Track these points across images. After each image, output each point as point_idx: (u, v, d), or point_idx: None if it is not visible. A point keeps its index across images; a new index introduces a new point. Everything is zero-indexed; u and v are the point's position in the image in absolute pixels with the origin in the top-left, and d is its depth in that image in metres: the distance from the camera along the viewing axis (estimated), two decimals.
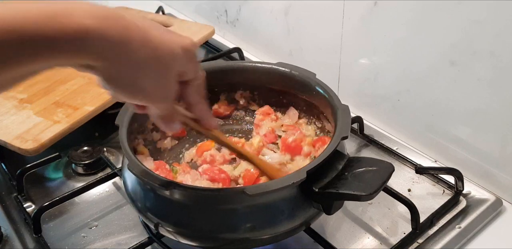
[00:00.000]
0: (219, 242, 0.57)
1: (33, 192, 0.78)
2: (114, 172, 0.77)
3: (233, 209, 0.55)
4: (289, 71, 0.71)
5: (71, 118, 0.81)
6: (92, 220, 0.73)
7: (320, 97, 0.68)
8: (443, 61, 0.71)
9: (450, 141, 0.77)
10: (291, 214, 0.56)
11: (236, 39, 1.19)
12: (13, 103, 0.86)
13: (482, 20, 0.63)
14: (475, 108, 0.71)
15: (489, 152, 0.72)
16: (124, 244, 0.68)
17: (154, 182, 0.53)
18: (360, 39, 0.83)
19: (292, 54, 1.02)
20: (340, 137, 0.57)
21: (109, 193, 0.78)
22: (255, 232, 0.55)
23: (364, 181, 0.53)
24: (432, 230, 0.68)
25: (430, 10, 0.68)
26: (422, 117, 0.80)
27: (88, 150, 0.82)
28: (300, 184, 0.54)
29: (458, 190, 0.73)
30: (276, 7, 0.99)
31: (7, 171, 0.81)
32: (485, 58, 0.65)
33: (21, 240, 0.70)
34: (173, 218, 0.57)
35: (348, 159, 0.56)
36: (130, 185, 0.61)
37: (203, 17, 1.27)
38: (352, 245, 0.67)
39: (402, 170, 0.79)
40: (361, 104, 0.90)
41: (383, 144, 0.83)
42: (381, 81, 0.84)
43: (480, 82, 0.68)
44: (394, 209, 0.72)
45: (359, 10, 0.79)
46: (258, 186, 0.54)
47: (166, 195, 0.56)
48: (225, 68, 0.74)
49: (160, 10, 1.25)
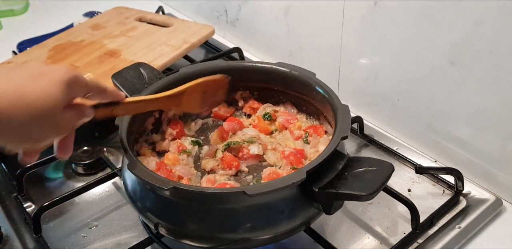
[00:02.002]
0: (219, 242, 0.57)
1: (33, 192, 0.78)
2: (114, 172, 0.77)
3: (233, 209, 0.56)
4: (289, 71, 0.71)
5: None
6: (92, 220, 0.73)
7: (320, 97, 0.68)
8: (443, 61, 0.71)
9: (450, 141, 0.77)
10: (291, 214, 0.56)
11: (236, 39, 1.19)
12: None
13: (482, 20, 0.63)
14: (475, 108, 0.71)
15: (489, 152, 0.72)
16: (124, 244, 0.68)
17: (154, 182, 0.54)
18: (360, 39, 0.83)
19: (292, 54, 1.02)
20: (340, 137, 0.57)
21: (109, 193, 0.78)
22: (255, 232, 0.56)
23: (364, 181, 0.53)
24: (432, 230, 0.68)
25: (430, 10, 0.68)
26: (422, 117, 0.80)
27: (88, 150, 0.82)
28: (300, 184, 0.54)
29: (458, 190, 0.73)
30: (276, 7, 0.99)
31: (7, 171, 0.81)
32: (485, 58, 0.65)
33: (21, 240, 0.70)
34: (173, 218, 0.57)
35: (348, 159, 0.56)
36: (130, 185, 0.61)
37: (203, 17, 1.28)
38: (352, 245, 0.67)
39: (402, 170, 0.79)
40: (361, 104, 0.90)
41: (383, 144, 0.83)
42: (381, 81, 0.84)
43: (480, 82, 0.68)
44: (394, 209, 0.72)
45: (359, 10, 0.79)
46: (258, 186, 0.54)
47: (166, 195, 0.56)
48: (225, 68, 0.74)
49: (160, 10, 1.26)
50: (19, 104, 0.41)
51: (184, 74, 0.72)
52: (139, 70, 0.74)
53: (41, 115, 0.43)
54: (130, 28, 1.10)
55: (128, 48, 1.01)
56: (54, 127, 0.46)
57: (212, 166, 0.70)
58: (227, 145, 0.71)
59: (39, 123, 0.43)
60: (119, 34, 1.08)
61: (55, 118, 0.45)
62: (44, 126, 0.44)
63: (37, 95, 0.42)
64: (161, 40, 1.03)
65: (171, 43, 1.01)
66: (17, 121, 0.41)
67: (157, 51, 0.99)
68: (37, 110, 0.42)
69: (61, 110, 0.45)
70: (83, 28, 1.12)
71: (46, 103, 0.43)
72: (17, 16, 1.36)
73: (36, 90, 0.42)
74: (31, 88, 0.42)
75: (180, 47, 0.99)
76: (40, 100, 0.42)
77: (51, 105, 0.43)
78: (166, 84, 0.70)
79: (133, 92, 0.69)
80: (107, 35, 1.07)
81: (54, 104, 0.44)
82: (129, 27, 1.10)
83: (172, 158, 0.70)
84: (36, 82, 0.43)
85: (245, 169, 0.70)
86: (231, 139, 0.74)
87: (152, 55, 0.97)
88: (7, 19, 1.33)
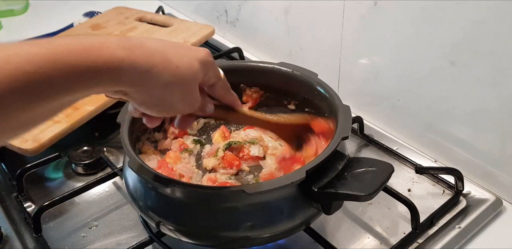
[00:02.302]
0: (220, 240, 0.57)
1: (33, 192, 0.78)
2: (114, 172, 0.77)
3: (233, 208, 0.56)
4: (291, 71, 0.72)
5: (71, 118, 0.81)
6: (92, 220, 0.73)
7: (321, 97, 0.68)
8: (443, 61, 0.71)
9: (450, 141, 0.77)
10: (291, 214, 0.56)
11: (236, 39, 1.19)
12: None
13: (482, 20, 0.63)
14: (475, 108, 0.71)
15: (489, 152, 0.72)
16: (124, 244, 0.68)
17: (154, 179, 0.54)
18: (360, 39, 0.83)
19: (292, 54, 1.02)
20: (340, 137, 0.57)
21: (109, 193, 0.78)
22: (255, 230, 0.56)
23: (363, 182, 0.53)
24: (432, 230, 0.68)
25: (430, 10, 0.68)
26: (422, 117, 0.80)
27: (88, 150, 0.82)
28: (299, 184, 0.54)
29: (458, 190, 0.73)
30: (276, 7, 0.99)
31: (7, 171, 0.81)
32: (485, 58, 0.65)
33: (21, 240, 0.70)
34: (174, 216, 0.57)
35: (348, 160, 0.56)
36: (131, 184, 0.61)
37: (203, 17, 1.28)
38: (352, 245, 0.67)
39: (402, 170, 0.79)
40: (361, 104, 0.90)
41: (383, 144, 0.83)
42: (381, 81, 0.84)
43: (480, 82, 0.68)
44: (394, 209, 0.72)
45: (359, 10, 0.79)
46: (257, 185, 0.54)
47: (167, 193, 0.56)
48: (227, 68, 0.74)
49: (160, 10, 1.26)
50: (168, 64, 0.44)
51: None
52: None
53: (183, 80, 0.46)
54: (130, 28, 1.10)
55: None
56: (187, 99, 0.48)
57: (213, 164, 0.70)
58: (228, 145, 0.71)
59: (178, 89, 0.46)
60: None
61: (192, 89, 0.48)
62: (180, 94, 0.47)
63: (183, 63, 0.45)
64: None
65: None
66: (163, 79, 0.44)
67: None
68: (182, 75, 0.45)
69: (196, 86, 0.49)
70: (83, 28, 1.12)
71: (189, 72, 0.46)
72: (17, 16, 1.36)
73: (182, 59, 0.46)
74: (178, 56, 0.45)
75: None
76: (185, 67, 0.46)
77: (192, 75, 0.47)
78: None
79: None
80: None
81: (195, 75, 0.47)
82: (129, 27, 1.10)
83: (174, 157, 0.71)
84: (182, 52, 0.46)
85: (246, 169, 0.71)
86: (233, 139, 0.74)
87: None
88: (7, 19, 1.33)
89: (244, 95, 0.80)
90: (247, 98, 0.80)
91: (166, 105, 0.47)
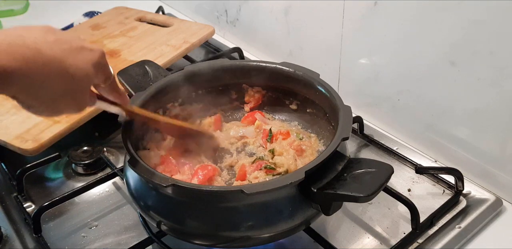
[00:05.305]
0: (220, 240, 0.58)
1: (33, 192, 0.78)
2: (114, 172, 0.77)
3: (232, 208, 0.56)
4: (293, 71, 0.72)
5: (71, 118, 0.81)
6: (92, 220, 0.73)
7: (322, 97, 0.68)
8: (443, 61, 0.71)
9: (450, 141, 0.77)
10: (290, 214, 0.56)
11: (236, 39, 1.19)
12: (13, 103, 0.85)
13: (482, 20, 0.63)
14: (475, 108, 0.71)
15: (489, 152, 0.72)
16: (124, 244, 0.68)
17: (153, 179, 0.54)
18: (360, 39, 0.83)
19: (292, 54, 1.02)
20: (340, 138, 0.57)
21: (109, 193, 0.78)
22: (255, 230, 0.56)
23: (362, 183, 0.53)
24: (432, 230, 0.68)
25: (430, 10, 0.68)
26: (422, 117, 0.80)
27: (88, 150, 0.82)
28: (298, 184, 0.54)
29: (458, 190, 0.73)
30: (276, 7, 0.99)
31: (7, 171, 0.81)
32: (485, 58, 0.65)
33: (21, 240, 0.70)
34: (175, 216, 0.57)
35: (348, 160, 0.56)
36: (132, 184, 0.62)
37: (203, 17, 1.28)
38: (352, 245, 0.67)
39: (402, 170, 0.79)
40: (361, 104, 0.90)
41: (383, 144, 0.83)
42: (381, 81, 0.84)
43: (480, 82, 0.68)
44: (394, 209, 0.72)
45: (359, 10, 0.79)
46: (256, 185, 0.54)
47: (167, 193, 0.56)
48: (229, 67, 0.75)
49: (160, 10, 1.26)
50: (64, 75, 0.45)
51: (188, 73, 0.72)
52: (145, 67, 0.74)
53: (76, 90, 0.48)
54: (130, 28, 1.10)
55: (128, 48, 1.01)
56: (76, 103, 0.50)
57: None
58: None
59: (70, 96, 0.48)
60: (119, 34, 1.08)
61: (83, 94, 0.50)
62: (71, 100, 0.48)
63: (78, 70, 0.47)
64: (161, 40, 1.03)
65: (171, 43, 1.01)
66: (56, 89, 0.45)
67: (157, 51, 0.99)
68: (77, 85, 0.47)
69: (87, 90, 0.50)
70: (83, 28, 1.12)
71: (84, 80, 0.48)
72: (17, 16, 1.36)
73: (78, 65, 0.47)
74: (74, 63, 0.46)
75: (180, 47, 1.00)
76: (81, 76, 0.47)
77: (86, 81, 0.48)
78: (170, 82, 0.71)
79: (137, 89, 0.69)
80: (107, 35, 1.07)
81: (88, 81, 0.49)
82: (129, 27, 1.10)
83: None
84: (79, 57, 0.47)
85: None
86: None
87: (152, 55, 0.97)
88: (7, 19, 1.33)
89: (246, 95, 0.80)
90: (249, 98, 0.80)
91: (55, 110, 0.49)
